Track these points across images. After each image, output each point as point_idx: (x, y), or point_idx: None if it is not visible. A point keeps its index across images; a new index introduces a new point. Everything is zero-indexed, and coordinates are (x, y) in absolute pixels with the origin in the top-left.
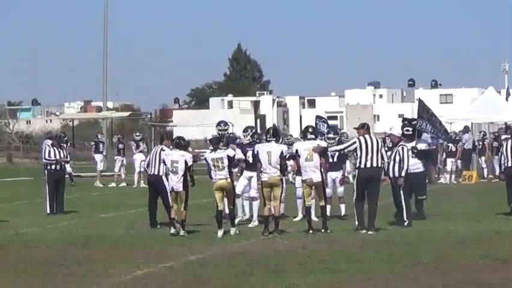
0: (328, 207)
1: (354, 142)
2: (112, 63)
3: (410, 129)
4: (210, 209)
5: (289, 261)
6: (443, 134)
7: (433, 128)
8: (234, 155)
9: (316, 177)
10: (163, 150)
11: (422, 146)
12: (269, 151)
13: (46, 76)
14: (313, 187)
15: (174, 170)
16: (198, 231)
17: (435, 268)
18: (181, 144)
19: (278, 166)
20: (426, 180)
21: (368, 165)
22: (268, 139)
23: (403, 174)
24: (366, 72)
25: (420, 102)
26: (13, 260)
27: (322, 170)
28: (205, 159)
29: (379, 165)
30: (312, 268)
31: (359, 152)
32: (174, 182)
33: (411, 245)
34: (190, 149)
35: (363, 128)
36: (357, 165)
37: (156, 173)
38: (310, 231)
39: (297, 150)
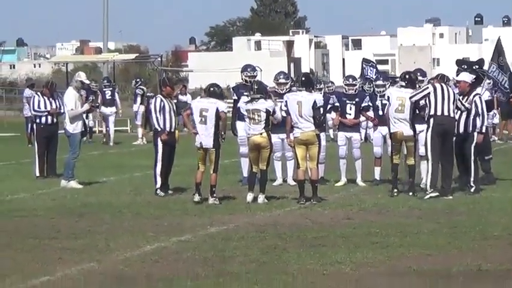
0: (378, 169)
1: (427, 88)
2: None
3: (473, 76)
4: (233, 172)
5: (331, 234)
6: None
7: (504, 79)
8: (274, 109)
9: (407, 131)
10: (162, 101)
11: (486, 96)
12: (299, 101)
13: (34, 11)
14: (402, 142)
15: (203, 120)
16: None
17: (507, 243)
18: (216, 92)
19: (311, 119)
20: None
21: (445, 113)
22: (298, 88)
23: (483, 129)
24: (424, 7)
25: (499, 43)
26: None
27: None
28: (238, 109)
29: (455, 117)
30: (358, 242)
31: (432, 99)
32: (202, 137)
33: (479, 215)
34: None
35: (437, 78)
36: (431, 113)
37: (173, 129)
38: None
39: (388, 97)
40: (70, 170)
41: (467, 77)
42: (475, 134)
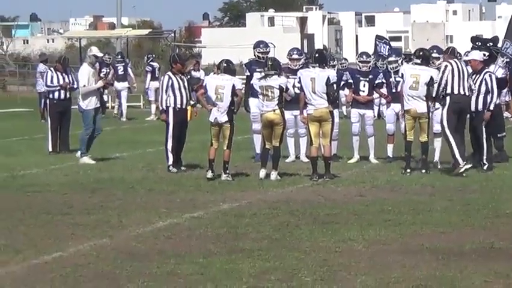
0: (390, 146)
1: (446, 66)
2: None
3: (486, 53)
4: (245, 149)
5: (343, 211)
6: None
7: None
8: (287, 86)
9: (422, 108)
10: (171, 79)
11: (499, 73)
12: (313, 77)
13: None
14: (416, 119)
15: (219, 97)
16: (231, 175)
17: None
18: (230, 68)
19: (325, 96)
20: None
21: (462, 92)
22: (311, 64)
23: (492, 107)
24: None
25: None
26: (8, 208)
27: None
28: (251, 85)
29: (470, 95)
30: (370, 220)
31: (450, 77)
32: (217, 113)
33: (492, 193)
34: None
35: (448, 53)
36: (448, 91)
37: (184, 106)
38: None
39: (402, 74)
40: (83, 145)
41: (477, 55)
42: (485, 111)
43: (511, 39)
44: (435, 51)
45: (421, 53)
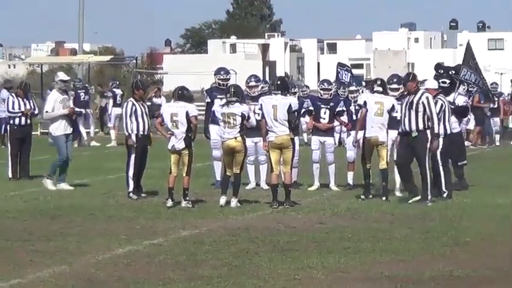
0: (351, 173)
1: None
2: None
3: (448, 81)
4: (205, 176)
5: (303, 238)
6: (486, 87)
7: (478, 79)
8: (249, 114)
9: (383, 136)
10: (134, 105)
11: (460, 101)
12: (275, 104)
13: (9, 11)
14: (374, 147)
15: (174, 124)
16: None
17: (479, 248)
18: (184, 95)
19: (286, 123)
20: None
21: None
22: (273, 91)
23: (435, 132)
24: (399, 12)
25: (469, 46)
26: None
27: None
28: (213, 112)
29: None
30: (330, 247)
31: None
32: (175, 140)
33: (451, 221)
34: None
35: (414, 80)
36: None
37: (146, 133)
38: (370, 196)
39: (365, 102)
40: (52, 168)
41: (431, 84)
42: (440, 139)
43: (468, 66)
44: (395, 80)
45: (381, 82)
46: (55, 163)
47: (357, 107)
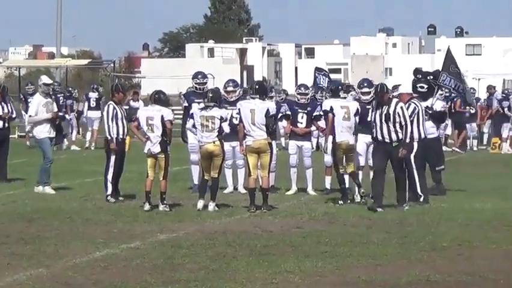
0: (328, 178)
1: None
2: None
3: (426, 86)
4: (183, 179)
5: (280, 243)
6: (466, 93)
7: (458, 84)
8: (227, 118)
9: (352, 140)
10: (115, 109)
11: (438, 106)
12: (252, 109)
13: None
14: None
15: (150, 128)
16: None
17: (456, 254)
18: (161, 99)
19: (264, 127)
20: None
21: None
22: (251, 96)
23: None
24: (377, 16)
25: (449, 52)
26: None
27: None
28: (191, 115)
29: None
30: (307, 252)
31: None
32: (150, 144)
33: (429, 226)
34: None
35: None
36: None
37: (124, 137)
38: (343, 202)
39: (331, 108)
40: (43, 175)
41: (404, 89)
42: (415, 143)
43: (448, 71)
44: (365, 84)
45: (346, 87)
46: (44, 168)
47: (321, 113)
